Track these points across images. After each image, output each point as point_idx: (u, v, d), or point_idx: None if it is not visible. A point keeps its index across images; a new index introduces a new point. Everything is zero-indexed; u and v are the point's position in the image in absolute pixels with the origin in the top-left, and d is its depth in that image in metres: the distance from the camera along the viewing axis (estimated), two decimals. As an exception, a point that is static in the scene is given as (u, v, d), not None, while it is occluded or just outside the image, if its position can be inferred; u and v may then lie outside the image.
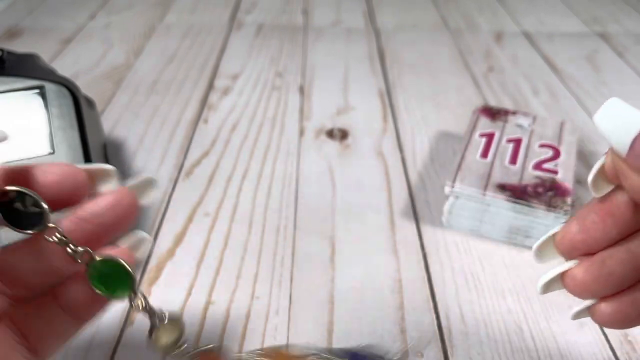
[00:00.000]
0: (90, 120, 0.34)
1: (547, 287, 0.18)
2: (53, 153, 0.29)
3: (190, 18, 0.65)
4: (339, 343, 0.26)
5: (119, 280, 0.17)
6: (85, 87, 0.36)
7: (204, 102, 0.47)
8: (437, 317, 0.28)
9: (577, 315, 0.17)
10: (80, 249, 0.16)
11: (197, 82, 0.50)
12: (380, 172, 0.39)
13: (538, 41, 0.61)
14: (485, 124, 0.38)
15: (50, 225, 0.16)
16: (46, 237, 0.16)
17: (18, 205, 0.15)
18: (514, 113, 0.39)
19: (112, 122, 0.44)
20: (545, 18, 0.67)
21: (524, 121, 0.38)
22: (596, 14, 0.69)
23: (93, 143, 0.32)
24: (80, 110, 0.32)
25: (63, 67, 0.50)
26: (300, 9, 0.68)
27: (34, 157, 0.29)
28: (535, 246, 0.18)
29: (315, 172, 0.39)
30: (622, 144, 0.14)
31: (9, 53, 0.35)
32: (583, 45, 0.60)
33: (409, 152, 0.41)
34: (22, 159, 0.29)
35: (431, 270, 0.31)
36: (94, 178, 0.18)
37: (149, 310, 0.17)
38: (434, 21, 0.66)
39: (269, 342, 0.26)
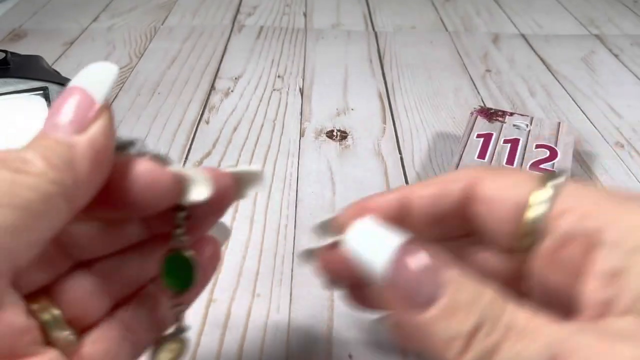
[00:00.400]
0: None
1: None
2: (58, 153, 0.30)
3: (192, 20, 0.65)
4: (339, 341, 0.27)
5: (183, 280, 0.16)
6: (89, 89, 0.36)
7: (205, 104, 0.48)
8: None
9: (305, 255, 0.18)
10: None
11: (199, 83, 0.51)
12: (379, 172, 0.39)
13: (535, 43, 0.61)
14: (482, 125, 0.38)
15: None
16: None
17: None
18: (511, 114, 0.40)
19: (114, 124, 0.44)
20: (542, 20, 0.68)
21: (521, 122, 0.39)
22: (592, 15, 0.69)
23: (97, 144, 0.32)
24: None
25: (66, 68, 0.51)
26: (301, 11, 0.69)
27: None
28: (318, 222, 0.17)
29: (316, 172, 0.39)
30: (377, 269, 0.13)
31: (13, 55, 0.36)
32: (579, 47, 0.61)
33: (407, 153, 0.42)
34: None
35: (429, 268, 0.31)
36: (240, 182, 0.16)
37: (180, 326, 0.17)
38: (433, 23, 0.66)
39: (270, 340, 0.27)
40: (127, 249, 0.17)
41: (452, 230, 0.17)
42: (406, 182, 0.38)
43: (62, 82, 0.34)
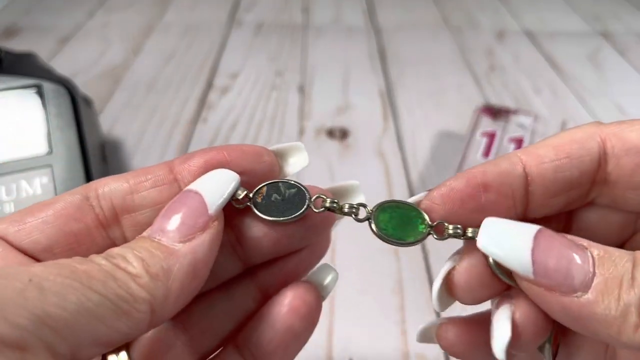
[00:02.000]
0: (88, 119, 0.33)
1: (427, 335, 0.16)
2: (51, 152, 0.29)
3: (189, 16, 0.64)
4: (339, 344, 0.26)
5: (408, 219, 0.15)
6: (83, 86, 0.36)
7: (203, 101, 0.47)
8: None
9: (423, 336, 0.15)
10: (355, 204, 0.15)
11: (196, 81, 0.50)
12: (380, 172, 0.38)
13: (539, 40, 0.60)
14: (486, 123, 0.38)
15: (317, 197, 0.14)
16: (316, 210, 0.14)
17: (275, 197, 0.14)
18: (516, 112, 0.39)
19: (110, 121, 0.44)
20: (546, 16, 0.67)
21: (526, 120, 0.38)
22: (598, 12, 0.69)
23: (91, 142, 0.32)
24: (78, 110, 0.31)
25: (61, 66, 0.50)
26: (300, 7, 0.68)
27: (30, 156, 0.29)
28: (435, 291, 0.15)
29: (315, 171, 0.38)
30: (522, 264, 0.12)
31: (7, 52, 0.35)
32: (585, 44, 0.60)
33: (409, 152, 0.41)
34: (19, 159, 0.28)
35: (432, 270, 0.30)
36: (283, 157, 0.16)
37: (460, 229, 0.14)
38: (435, 19, 0.66)
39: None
40: (215, 290, 0.15)
41: (577, 199, 0.15)
42: (408, 182, 0.38)
43: (56, 79, 0.33)
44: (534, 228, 0.13)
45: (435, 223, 0.14)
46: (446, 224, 0.14)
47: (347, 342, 0.26)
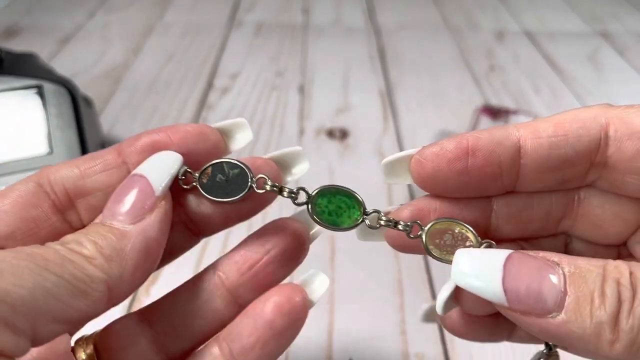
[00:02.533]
0: (88, 119, 0.33)
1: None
2: (51, 152, 0.29)
3: (189, 17, 0.64)
4: (339, 343, 0.26)
5: (345, 206, 0.15)
6: (83, 87, 0.36)
7: (203, 102, 0.47)
8: (438, 317, 0.28)
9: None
10: (295, 189, 0.15)
11: (196, 81, 0.50)
12: (380, 172, 0.39)
13: (539, 40, 0.61)
14: (486, 123, 0.38)
15: (259, 178, 0.15)
16: (258, 190, 0.15)
17: (220, 177, 0.15)
18: (515, 112, 0.39)
19: (110, 122, 0.44)
20: (546, 17, 0.67)
21: (525, 120, 0.38)
22: (597, 12, 0.69)
23: (91, 142, 0.32)
24: (79, 110, 0.31)
25: (61, 66, 0.50)
26: (300, 7, 0.68)
27: (31, 157, 0.29)
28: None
29: (315, 171, 0.38)
30: (495, 294, 0.12)
31: (7, 52, 0.35)
32: (584, 44, 0.60)
33: (409, 152, 0.41)
34: (19, 159, 0.28)
35: (432, 271, 0.30)
36: (228, 135, 0.16)
37: (391, 220, 0.15)
38: (435, 20, 0.66)
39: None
40: (182, 289, 0.16)
41: (573, 179, 0.15)
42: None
43: (57, 79, 0.33)
44: (502, 255, 0.13)
45: (370, 211, 0.15)
46: (381, 214, 0.15)
47: (347, 342, 0.26)
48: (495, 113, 0.39)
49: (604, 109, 0.14)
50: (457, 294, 0.14)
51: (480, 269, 0.13)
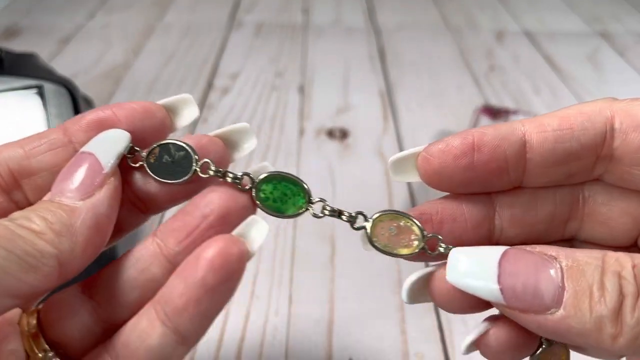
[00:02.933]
0: (88, 119, 0.33)
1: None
2: (51, 153, 0.29)
3: (189, 17, 0.64)
4: (339, 344, 0.26)
5: (291, 193, 0.15)
6: (84, 87, 0.36)
7: (203, 102, 0.47)
8: (438, 318, 0.28)
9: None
10: (239, 174, 0.15)
11: (197, 81, 0.50)
12: (380, 172, 0.39)
13: (539, 40, 0.61)
14: (486, 124, 0.38)
15: (203, 162, 0.15)
16: (203, 175, 0.15)
17: (166, 158, 0.15)
18: (515, 112, 0.39)
19: (111, 122, 0.44)
20: (546, 17, 0.67)
21: (525, 121, 0.38)
22: (597, 13, 0.69)
23: (92, 143, 0.32)
24: (79, 110, 0.31)
25: (62, 66, 0.50)
26: (300, 8, 0.68)
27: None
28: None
29: (315, 172, 0.38)
30: (492, 293, 0.12)
31: (7, 52, 0.35)
32: (584, 45, 0.60)
33: (409, 152, 0.41)
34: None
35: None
36: (174, 111, 0.16)
37: (336, 210, 0.15)
38: (435, 20, 0.66)
39: (269, 343, 0.26)
40: (123, 259, 0.15)
41: (579, 172, 0.14)
42: (408, 182, 0.38)
43: (57, 80, 0.33)
44: (498, 252, 0.13)
45: (316, 199, 0.15)
46: (326, 203, 0.15)
47: (347, 342, 0.26)
48: (495, 113, 0.39)
49: (608, 102, 0.14)
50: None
51: (475, 267, 0.13)
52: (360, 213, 0.15)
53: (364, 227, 0.15)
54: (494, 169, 0.14)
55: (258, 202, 0.15)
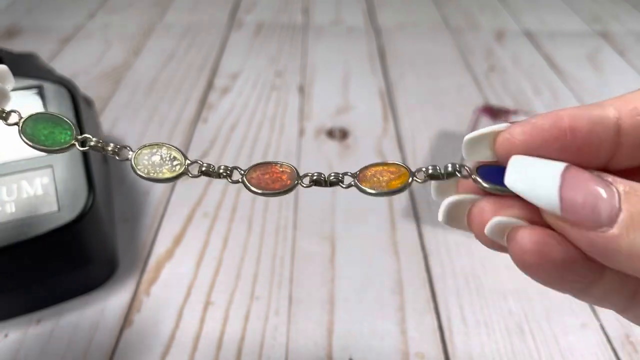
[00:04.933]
0: (88, 120, 0.34)
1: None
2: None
3: (189, 17, 0.64)
4: (339, 344, 0.26)
5: (54, 127, 0.16)
6: (84, 87, 0.36)
7: (203, 102, 0.47)
8: (438, 318, 0.28)
9: (493, 232, 0.14)
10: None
11: (197, 81, 0.50)
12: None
13: (539, 40, 0.61)
14: (486, 124, 0.38)
15: None
16: None
17: None
18: (515, 112, 0.39)
19: (111, 122, 0.44)
20: (546, 17, 0.67)
21: (525, 121, 0.38)
22: (597, 13, 0.69)
23: (91, 143, 0.32)
24: (79, 110, 0.31)
25: (62, 66, 0.50)
26: (300, 8, 0.68)
27: (31, 157, 0.29)
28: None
29: (315, 172, 0.38)
30: (550, 201, 0.12)
31: (7, 53, 0.35)
32: (584, 45, 0.60)
33: (409, 152, 0.41)
34: (19, 159, 0.28)
35: (432, 271, 0.31)
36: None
37: (101, 144, 0.15)
38: (435, 20, 0.66)
39: (269, 343, 0.26)
40: None
41: None
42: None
43: (57, 80, 0.33)
44: (561, 165, 0.13)
45: (82, 136, 0.15)
46: (91, 138, 0.15)
47: (347, 342, 0.26)
48: (495, 113, 0.39)
49: None
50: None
51: (538, 175, 0.13)
52: (125, 146, 0.16)
53: (127, 159, 0.15)
54: (586, 154, 0.14)
55: (23, 137, 0.16)
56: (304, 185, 0.15)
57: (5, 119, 0.15)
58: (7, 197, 0.26)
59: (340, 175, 0.16)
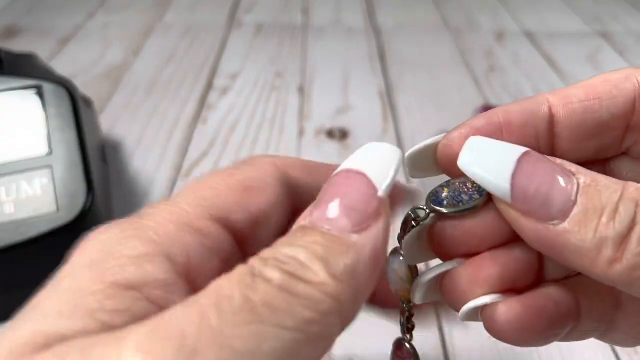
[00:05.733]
0: (88, 120, 0.33)
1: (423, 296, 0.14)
2: (51, 153, 0.29)
3: (189, 17, 0.64)
4: (339, 343, 0.26)
5: None
6: (83, 87, 0.36)
7: (203, 102, 0.47)
8: (438, 318, 0.28)
9: (468, 315, 0.13)
10: None
11: (196, 81, 0.50)
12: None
13: (539, 40, 0.61)
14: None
15: None
16: None
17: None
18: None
19: (110, 122, 0.44)
20: (546, 17, 0.67)
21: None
22: (597, 13, 0.69)
23: (91, 143, 0.32)
24: (78, 110, 0.31)
25: (61, 66, 0.50)
26: (300, 8, 0.68)
27: (31, 158, 0.29)
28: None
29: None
30: (500, 187, 0.12)
31: (7, 53, 0.35)
32: (584, 45, 0.60)
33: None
34: (19, 160, 0.28)
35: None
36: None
37: None
38: (435, 20, 0.66)
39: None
40: None
41: (609, 146, 0.13)
42: (408, 182, 0.38)
43: (56, 80, 0.33)
44: (519, 150, 0.12)
45: None
46: None
47: (348, 343, 0.26)
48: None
49: (633, 70, 0.13)
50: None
51: (493, 158, 0.12)
52: None
53: None
54: None
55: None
56: None
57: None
58: (6, 197, 0.26)
59: None
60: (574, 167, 0.12)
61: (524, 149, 0.12)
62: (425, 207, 0.14)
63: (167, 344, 0.08)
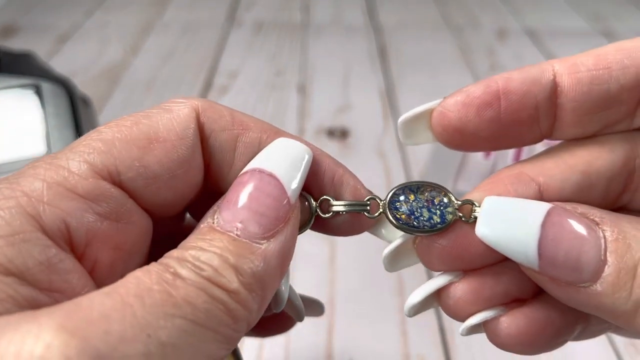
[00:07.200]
0: (86, 119, 0.33)
1: (418, 309, 0.13)
2: (49, 152, 0.29)
3: (188, 15, 0.64)
4: (339, 344, 0.26)
5: None
6: (82, 86, 0.36)
7: (202, 101, 0.47)
8: (439, 319, 0.28)
9: (470, 330, 0.13)
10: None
11: (195, 80, 0.50)
12: (381, 172, 0.38)
13: (541, 39, 0.60)
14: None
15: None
16: None
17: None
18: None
19: (109, 121, 0.43)
20: (548, 16, 0.67)
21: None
22: (599, 12, 0.68)
23: (89, 142, 0.31)
24: (77, 109, 0.31)
25: (60, 65, 0.50)
26: (300, 6, 0.68)
27: (29, 157, 0.28)
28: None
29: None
30: (527, 257, 0.11)
31: (5, 51, 0.35)
32: (586, 44, 0.60)
33: (410, 152, 0.41)
34: (17, 159, 0.28)
35: (432, 272, 0.30)
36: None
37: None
38: (435, 19, 0.65)
39: (269, 344, 0.26)
40: None
41: (617, 122, 0.12)
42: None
43: (55, 79, 0.33)
44: (542, 211, 0.11)
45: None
46: None
47: (347, 342, 0.26)
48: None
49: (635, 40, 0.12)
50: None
51: (512, 227, 0.11)
52: None
53: None
54: (523, 119, 0.12)
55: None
56: None
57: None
58: (4, 197, 0.26)
59: None
60: (597, 215, 0.11)
61: (546, 208, 0.11)
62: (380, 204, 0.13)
63: (93, 326, 0.08)
